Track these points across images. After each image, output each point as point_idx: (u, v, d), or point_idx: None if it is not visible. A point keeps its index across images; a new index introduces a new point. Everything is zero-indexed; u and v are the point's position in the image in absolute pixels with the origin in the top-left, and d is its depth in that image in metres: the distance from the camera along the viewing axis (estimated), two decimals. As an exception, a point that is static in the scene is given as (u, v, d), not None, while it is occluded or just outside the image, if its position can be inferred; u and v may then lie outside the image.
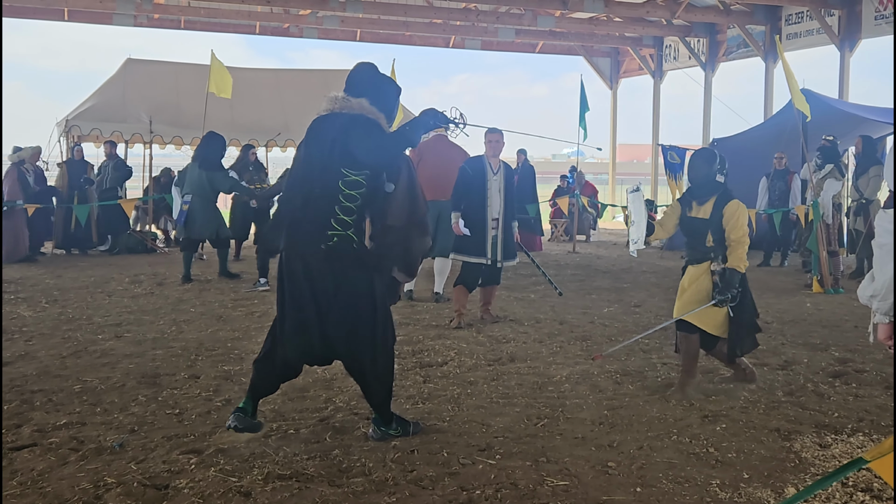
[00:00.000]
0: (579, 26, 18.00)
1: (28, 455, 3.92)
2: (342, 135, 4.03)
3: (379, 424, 4.21)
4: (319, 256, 4.01)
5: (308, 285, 4.02)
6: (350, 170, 4.02)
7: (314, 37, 18.47)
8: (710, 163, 5.20)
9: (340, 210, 4.01)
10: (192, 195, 9.87)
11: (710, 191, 5.20)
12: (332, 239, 4.00)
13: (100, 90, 15.34)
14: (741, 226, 5.09)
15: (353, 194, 4.02)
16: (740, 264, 5.05)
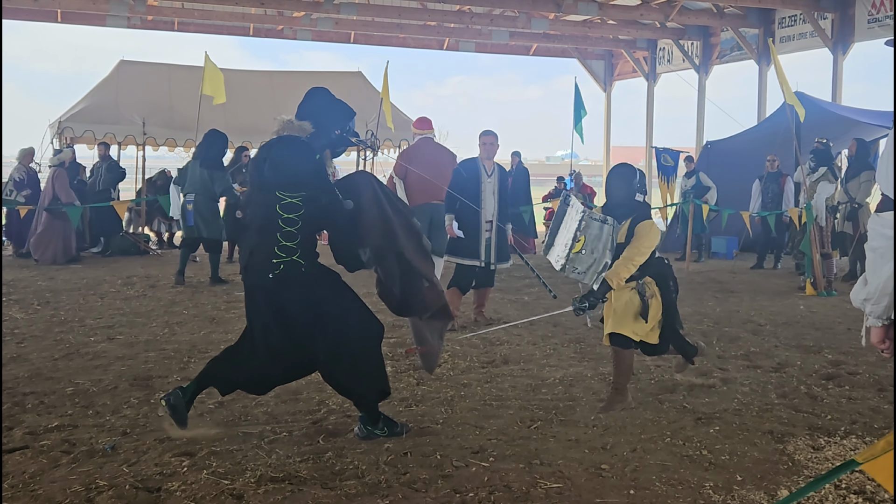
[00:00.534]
0: (573, 29, 18.03)
1: (20, 457, 3.90)
2: (271, 157, 4.08)
3: (365, 423, 4.22)
4: (269, 286, 4.04)
5: (269, 314, 4.07)
6: (285, 192, 4.02)
7: (308, 39, 18.46)
8: (629, 181, 4.91)
9: (282, 236, 4.01)
10: (195, 194, 9.75)
11: (627, 211, 4.89)
12: (279, 267, 4.01)
13: (93, 92, 15.30)
14: (642, 245, 4.78)
15: (293, 218, 4.01)
16: (614, 278, 4.74)
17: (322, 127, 4.21)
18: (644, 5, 16.12)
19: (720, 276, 11.34)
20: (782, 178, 12.05)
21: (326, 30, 17.43)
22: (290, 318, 4.08)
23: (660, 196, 15.60)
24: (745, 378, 5.60)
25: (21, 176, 12.79)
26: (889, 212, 2.65)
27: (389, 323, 7.49)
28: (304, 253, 4.05)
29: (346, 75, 17.73)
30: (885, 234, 2.64)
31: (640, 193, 4.94)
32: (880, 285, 2.64)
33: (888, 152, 2.73)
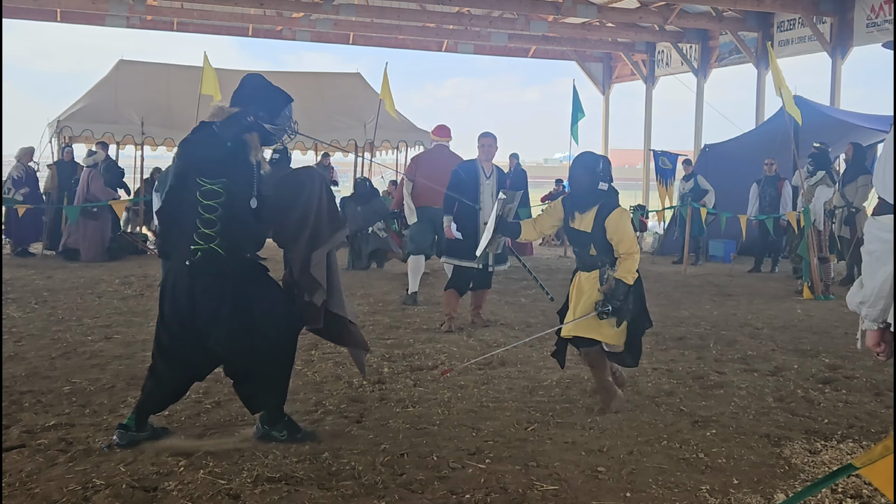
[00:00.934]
0: (572, 31, 18.05)
1: (17, 456, 3.89)
2: (192, 143, 4.05)
3: (264, 422, 4.17)
4: (184, 272, 3.97)
5: (184, 301, 3.99)
6: (204, 178, 3.95)
7: (307, 39, 18.47)
8: (592, 170, 4.85)
9: (201, 223, 3.94)
10: None
11: (591, 200, 4.84)
12: (196, 254, 3.94)
13: (91, 91, 15.30)
14: (628, 237, 4.78)
15: (212, 205, 3.94)
16: (628, 276, 4.74)
17: (239, 113, 4.11)
18: (643, 8, 16.14)
19: (717, 279, 11.35)
20: (780, 182, 12.07)
21: (325, 31, 17.45)
22: (197, 307, 3.97)
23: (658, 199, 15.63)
24: (741, 381, 5.60)
25: (20, 174, 12.83)
26: (886, 216, 2.66)
27: (386, 324, 7.52)
28: (223, 242, 3.94)
29: (344, 76, 17.75)
30: (881, 238, 2.65)
31: (604, 182, 4.86)
32: (876, 288, 2.65)
33: (885, 156, 2.74)
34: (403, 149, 16.46)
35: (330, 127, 15.68)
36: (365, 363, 4.57)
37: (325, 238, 4.16)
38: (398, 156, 17.38)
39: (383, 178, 18.76)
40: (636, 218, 15.04)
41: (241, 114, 4.09)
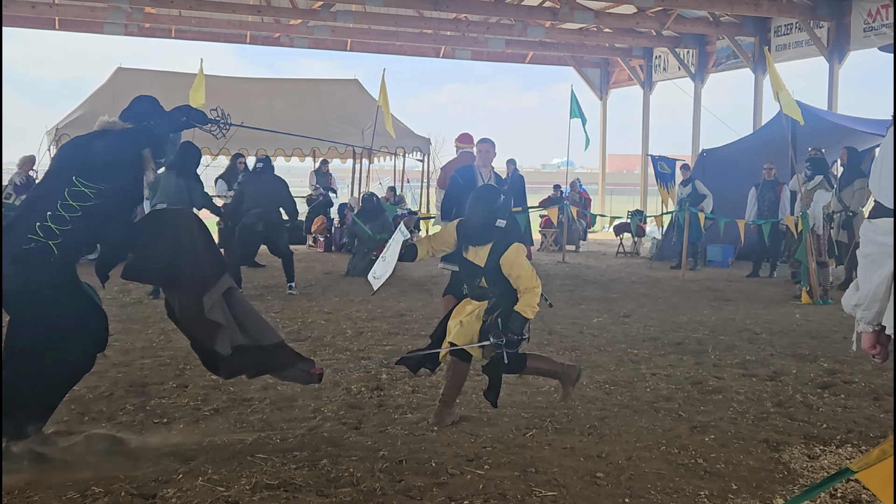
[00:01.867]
0: (569, 37, 18.08)
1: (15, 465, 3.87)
2: (85, 143, 3.96)
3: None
4: (9, 259, 3.71)
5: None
6: (81, 179, 3.79)
7: (304, 46, 18.51)
8: (490, 205, 4.65)
9: (51, 217, 3.75)
10: (167, 205, 9.15)
11: (486, 236, 4.65)
12: (30, 243, 3.72)
13: (90, 99, 15.33)
14: (525, 273, 4.62)
15: (74, 205, 3.76)
16: (528, 310, 4.59)
17: (140, 122, 4.07)
18: (640, 13, 16.17)
19: (716, 284, 11.36)
20: (778, 187, 12.09)
21: (323, 37, 17.48)
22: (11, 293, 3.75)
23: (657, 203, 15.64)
24: (740, 386, 5.61)
25: (21, 180, 12.92)
26: (881, 219, 2.67)
27: (385, 331, 7.52)
28: (63, 245, 3.75)
29: (342, 83, 17.78)
30: (876, 241, 2.66)
31: (502, 219, 4.68)
32: (871, 290, 2.67)
33: (882, 160, 2.75)
34: (401, 155, 16.48)
35: (328, 133, 15.70)
36: (308, 376, 4.33)
37: (209, 285, 3.96)
38: (396, 162, 17.42)
39: (381, 185, 18.77)
40: (634, 223, 15.05)
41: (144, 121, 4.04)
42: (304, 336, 7.30)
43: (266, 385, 5.56)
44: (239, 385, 5.54)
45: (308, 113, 16.06)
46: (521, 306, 4.58)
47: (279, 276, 9.94)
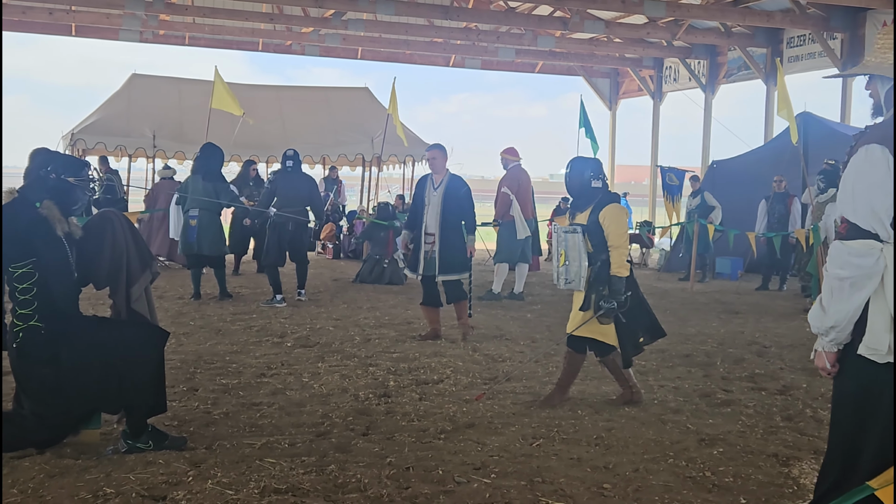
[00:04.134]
0: (579, 47, 18.09)
1: (28, 463, 3.91)
2: None
3: (126, 437, 4.20)
4: (14, 356, 4.02)
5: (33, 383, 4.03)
6: (15, 264, 3.93)
7: (316, 54, 18.59)
8: (583, 171, 5.21)
9: (18, 305, 3.96)
10: (198, 209, 9.51)
11: (588, 199, 5.20)
12: (18, 336, 3.96)
13: (105, 105, 15.45)
14: (615, 230, 5.09)
15: (27, 286, 3.93)
16: (620, 269, 5.07)
17: (28, 176, 4.15)
18: (651, 24, 16.19)
19: (725, 296, 11.33)
20: (789, 199, 12.05)
21: (334, 45, 17.56)
22: (41, 385, 4.02)
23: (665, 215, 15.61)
24: (749, 400, 5.59)
25: None
26: (857, 241, 2.69)
27: (392, 338, 7.53)
28: (42, 316, 3.96)
29: (352, 91, 17.86)
30: (854, 263, 2.69)
31: (596, 180, 5.20)
32: (850, 314, 2.70)
33: (854, 178, 2.78)
34: (410, 163, 16.52)
35: (337, 141, 15.77)
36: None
37: (137, 276, 4.31)
38: (405, 170, 17.45)
39: (390, 192, 18.81)
40: (643, 234, 15.04)
41: (42, 174, 4.09)
42: (313, 342, 7.33)
43: (275, 390, 5.59)
44: (248, 390, 5.57)
45: (318, 120, 16.13)
46: (614, 269, 5.08)
47: (286, 281, 9.95)
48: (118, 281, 4.28)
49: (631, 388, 5.39)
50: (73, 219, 4.21)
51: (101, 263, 4.25)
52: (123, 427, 4.23)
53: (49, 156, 4.25)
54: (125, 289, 4.28)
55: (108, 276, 4.28)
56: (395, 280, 11.87)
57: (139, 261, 4.34)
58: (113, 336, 4.18)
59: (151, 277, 4.44)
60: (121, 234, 4.29)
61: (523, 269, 10.59)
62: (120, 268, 4.26)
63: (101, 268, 4.26)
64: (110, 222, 4.32)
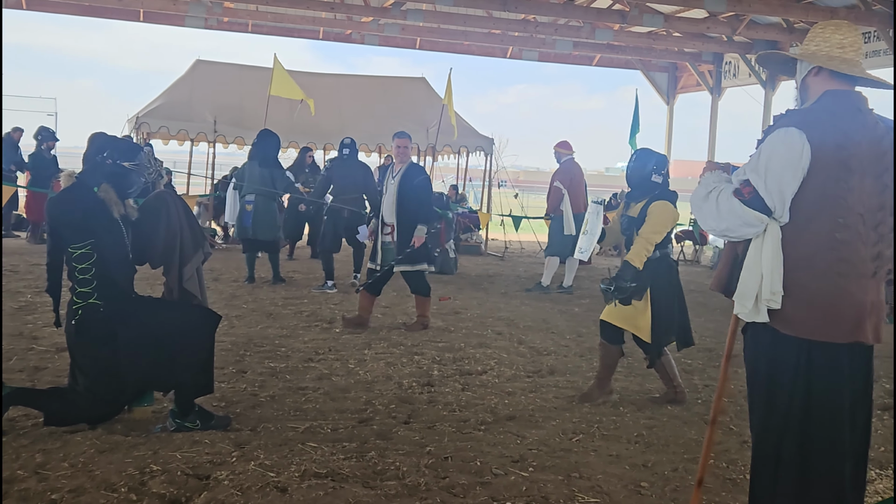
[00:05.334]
0: (637, 40, 17.86)
1: (80, 438, 4.07)
2: (56, 212, 4.22)
3: (175, 416, 4.32)
4: (72, 333, 4.19)
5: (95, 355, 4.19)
6: (74, 245, 4.13)
7: (375, 43, 18.68)
8: (645, 163, 5.22)
9: (78, 284, 4.14)
10: (255, 195, 9.71)
11: (645, 191, 5.21)
12: (78, 313, 4.14)
13: (169, 89, 15.78)
14: (653, 223, 5.07)
15: (86, 266, 4.12)
16: (635, 258, 5.05)
17: (89, 171, 4.31)
18: (711, 18, 15.91)
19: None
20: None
21: (393, 35, 17.63)
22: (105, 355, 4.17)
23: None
24: (794, 402, 5.51)
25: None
26: (755, 212, 2.88)
27: (439, 327, 7.59)
28: (101, 294, 4.14)
29: (409, 80, 17.93)
30: (739, 229, 2.93)
31: (657, 175, 5.20)
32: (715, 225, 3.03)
33: (768, 150, 2.93)
34: (465, 153, 16.55)
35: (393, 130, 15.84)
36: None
37: (189, 255, 4.50)
38: (459, 160, 17.49)
39: (444, 182, 18.87)
40: (696, 231, 14.84)
41: (98, 160, 4.28)
42: (361, 328, 7.43)
43: (321, 375, 5.70)
44: (295, 374, 5.70)
45: (375, 109, 16.24)
46: (630, 255, 5.08)
47: (339, 268, 10.10)
48: (171, 260, 4.44)
49: (675, 387, 5.37)
50: (129, 201, 4.37)
51: (156, 243, 4.41)
52: (172, 406, 4.37)
53: (105, 141, 4.43)
54: (178, 268, 4.44)
55: (163, 254, 4.44)
56: (446, 269, 11.96)
57: (192, 241, 4.51)
58: (167, 317, 4.33)
59: (203, 258, 4.60)
60: (175, 214, 4.45)
61: (573, 262, 10.56)
62: (173, 247, 4.42)
63: (155, 247, 4.42)
64: (165, 203, 4.49)
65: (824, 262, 2.84)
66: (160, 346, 4.21)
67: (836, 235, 2.83)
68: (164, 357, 4.22)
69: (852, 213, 2.84)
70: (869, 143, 2.89)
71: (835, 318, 2.85)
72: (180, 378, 4.27)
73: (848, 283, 2.85)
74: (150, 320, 4.25)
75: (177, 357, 4.23)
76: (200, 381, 4.34)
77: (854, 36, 3.05)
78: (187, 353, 4.25)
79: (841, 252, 2.83)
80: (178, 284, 4.47)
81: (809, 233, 2.84)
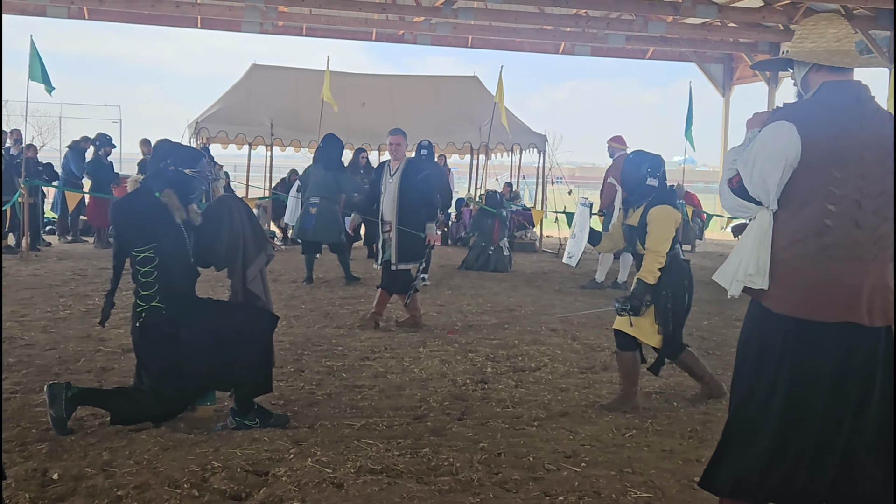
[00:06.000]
0: (691, 32, 17.62)
1: (145, 436, 4.23)
2: (120, 217, 4.35)
3: (235, 415, 4.44)
4: (137, 334, 4.34)
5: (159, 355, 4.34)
6: (137, 249, 4.27)
7: (427, 43, 18.80)
8: (640, 165, 4.98)
9: (141, 287, 4.28)
10: (319, 198, 9.91)
11: (641, 196, 4.98)
12: (141, 316, 4.28)
13: (227, 94, 16.14)
14: (655, 234, 4.81)
15: (148, 269, 4.27)
16: (647, 275, 4.79)
17: (154, 177, 4.44)
18: (767, 7, 15.61)
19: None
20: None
21: (445, 34, 17.72)
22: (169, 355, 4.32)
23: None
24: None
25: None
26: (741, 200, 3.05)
27: (493, 325, 7.65)
28: (163, 297, 4.28)
29: (461, 79, 18.01)
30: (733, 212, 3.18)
31: (652, 178, 4.95)
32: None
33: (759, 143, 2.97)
34: (518, 151, 16.56)
35: (446, 129, 15.96)
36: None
37: (253, 257, 4.58)
38: (512, 158, 17.50)
39: (497, 180, 18.89)
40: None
41: (161, 167, 4.43)
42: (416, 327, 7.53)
43: (377, 373, 5.81)
44: (352, 372, 5.81)
45: (427, 109, 16.36)
46: (642, 272, 4.84)
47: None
48: (235, 263, 4.57)
49: (707, 383, 5.24)
50: (193, 206, 4.53)
51: (219, 246, 4.54)
52: (232, 405, 4.51)
53: (169, 148, 4.59)
54: (241, 270, 4.56)
55: (226, 257, 4.58)
56: (500, 267, 12.02)
57: (255, 243, 4.62)
58: (227, 318, 4.47)
59: (266, 259, 4.71)
60: (238, 217, 4.57)
61: (627, 258, 10.51)
62: (236, 249, 4.54)
63: (219, 250, 4.56)
64: (227, 206, 4.62)
65: (813, 246, 2.91)
66: (221, 346, 4.35)
67: (825, 221, 2.89)
68: (224, 357, 4.36)
69: (846, 200, 2.88)
70: (868, 131, 2.91)
71: (822, 298, 2.90)
72: (240, 377, 4.40)
73: (840, 266, 2.89)
74: (211, 322, 4.40)
75: (237, 357, 4.37)
76: (259, 380, 4.47)
77: (846, 27, 3.07)
78: (247, 353, 4.39)
79: (831, 236, 2.89)
80: (242, 286, 4.58)
81: (800, 218, 2.92)
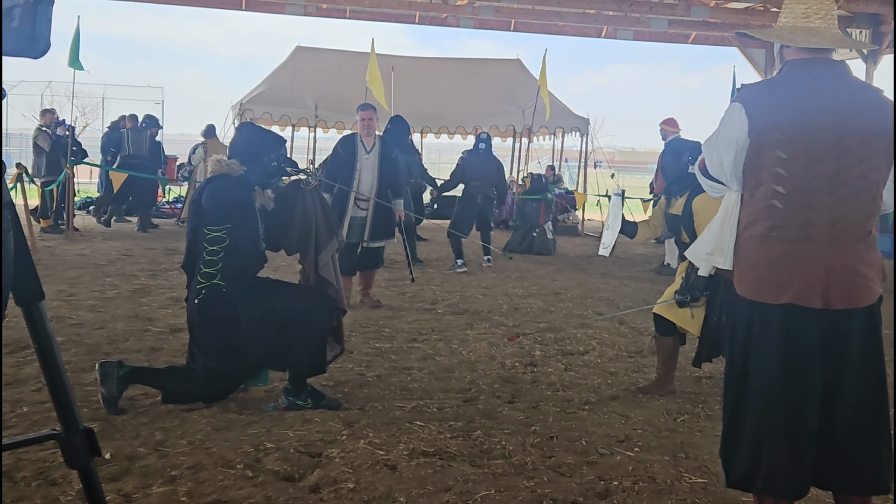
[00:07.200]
0: (734, 17, 17.26)
1: (197, 416, 4.25)
2: (208, 194, 4.33)
3: (287, 394, 4.46)
4: (194, 311, 4.35)
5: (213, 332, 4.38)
6: (211, 227, 4.32)
7: (470, 26, 18.67)
8: (680, 153, 4.93)
9: (204, 265, 4.32)
10: None
11: (684, 185, 4.87)
12: (201, 293, 4.32)
13: (271, 76, 16.23)
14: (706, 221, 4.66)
15: (216, 249, 4.31)
16: (703, 269, 4.59)
17: (249, 160, 4.47)
18: (816, -11, 15.24)
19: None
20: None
21: (488, 17, 17.59)
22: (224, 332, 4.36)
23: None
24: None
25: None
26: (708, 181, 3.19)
27: (539, 308, 7.62)
28: (225, 275, 4.31)
29: (504, 62, 17.89)
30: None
31: (693, 165, 4.81)
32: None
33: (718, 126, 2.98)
34: (560, 134, 16.44)
35: (489, 112, 15.88)
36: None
37: (325, 243, 4.61)
38: (555, 141, 17.37)
39: (540, 164, 18.77)
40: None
41: (265, 161, 4.49)
42: (462, 309, 7.53)
43: (425, 355, 5.81)
44: (400, 354, 5.82)
45: (471, 92, 16.30)
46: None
47: (441, 249, 10.28)
48: (307, 247, 4.59)
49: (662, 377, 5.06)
50: (268, 191, 4.58)
51: (292, 230, 4.58)
52: (286, 384, 4.55)
53: (275, 144, 4.65)
54: (314, 255, 4.57)
55: (298, 242, 4.61)
56: (544, 250, 11.97)
57: (327, 229, 4.64)
58: (285, 298, 4.49)
59: (338, 245, 4.74)
60: (310, 203, 4.60)
61: (672, 243, 10.39)
62: (309, 235, 4.56)
63: (291, 235, 4.59)
64: (300, 191, 4.64)
65: (762, 227, 2.87)
66: (279, 325, 4.38)
67: (773, 202, 2.84)
68: (282, 336, 4.39)
69: (795, 181, 2.80)
70: (824, 110, 2.80)
71: (770, 280, 2.86)
72: (297, 357, 4.43)
73: (793, 248, 2.82)
74: (271, 301, 4.42)
75: (294, 336, 4.39)
76: (315, 360, 4.49)
77: (819, 2, 2.93)
78: (305, 332, 4.40)
79: (779, 217, 2.83)
80: (314, 271, 4.58)
81: (754, 199, 2.90)
